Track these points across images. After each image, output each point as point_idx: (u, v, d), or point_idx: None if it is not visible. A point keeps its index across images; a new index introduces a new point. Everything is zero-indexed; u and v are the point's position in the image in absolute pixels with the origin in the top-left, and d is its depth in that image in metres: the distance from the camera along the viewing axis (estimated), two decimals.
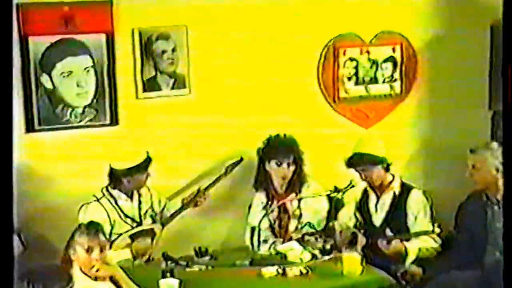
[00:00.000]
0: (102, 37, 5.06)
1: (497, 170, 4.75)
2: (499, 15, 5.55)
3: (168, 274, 4.34)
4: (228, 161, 5.26)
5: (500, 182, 4.76)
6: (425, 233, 4.88)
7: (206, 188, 5.11)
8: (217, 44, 5.29)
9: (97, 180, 4.89)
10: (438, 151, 5.78)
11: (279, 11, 5.43)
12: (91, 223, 4.17)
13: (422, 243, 4.90)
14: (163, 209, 5.12)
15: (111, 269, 4.11)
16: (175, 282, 4.28)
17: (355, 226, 5.09)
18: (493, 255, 4.75)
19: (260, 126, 5.33)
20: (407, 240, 4.91)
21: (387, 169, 5.08)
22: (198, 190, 5.11)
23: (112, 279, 4.07)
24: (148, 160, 4.87)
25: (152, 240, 4.92)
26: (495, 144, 4.88)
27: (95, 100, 5.12)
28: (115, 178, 4.89)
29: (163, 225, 5.00)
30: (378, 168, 5.03)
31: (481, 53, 5.63)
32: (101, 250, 4.01)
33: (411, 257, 4.86)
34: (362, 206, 5.19)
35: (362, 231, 4.99)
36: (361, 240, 4.93)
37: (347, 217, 5.14)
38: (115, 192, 4.92)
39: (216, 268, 4.66)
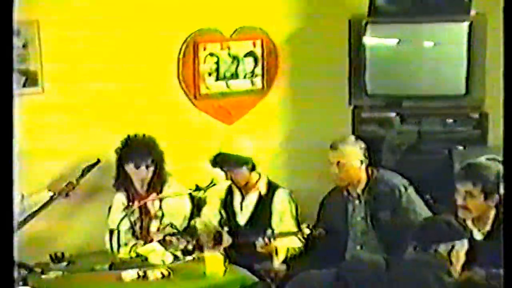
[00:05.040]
0: None
1: (356, 165, 4.77)
2: (358, 9, 5.67)
3: (21, 283, 4.14)
4: (84, 162, 5.08)
5: (363, 176, 4.78)
6: (293, 233, 4.83)
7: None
8: (71, 41, 5.07)
9: None
10: (301, 147, 5.74)
11: (137, 6, 5.27)
12: None
13: (289, 242, 4.84)
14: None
15: None
16: None
17: (219, 223, 5.01)
18: (354, 250, 4.78)
19: (119, 125, 5.16)
20: (275, 239, 4.87)
21: (253, 169, 4.99)
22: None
23: None
24: None
25: None
26: (353, 139, 4.90)
27: None
28: None
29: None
30: (243, 169, 4.94)
31: (340, 47, 5.64)
32: None
33: (281, 257, 4.81)
34: (227, 205, 5.10)
35: (226, 229, 4.93)
36: (227, 239, 4.87)
37: (210, 215, 5.05)
38: None
39: (74, 274, 4.48)
